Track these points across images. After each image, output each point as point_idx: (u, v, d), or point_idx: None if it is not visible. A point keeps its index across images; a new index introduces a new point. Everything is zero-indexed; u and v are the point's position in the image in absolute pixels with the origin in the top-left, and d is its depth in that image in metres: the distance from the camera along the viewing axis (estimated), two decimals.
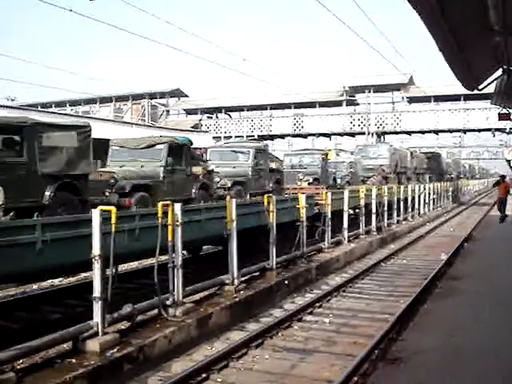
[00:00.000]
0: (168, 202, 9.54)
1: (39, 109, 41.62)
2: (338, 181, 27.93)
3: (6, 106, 29.83)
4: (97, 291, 7.76)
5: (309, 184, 22.92)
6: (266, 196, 13.19)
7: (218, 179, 16.55)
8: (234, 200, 11.54)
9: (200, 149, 29.93)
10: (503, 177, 30.11)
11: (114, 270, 8.14)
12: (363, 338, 9.16)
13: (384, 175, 31.51)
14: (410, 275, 15.03)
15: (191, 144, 15.75)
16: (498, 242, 20.22)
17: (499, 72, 16.30)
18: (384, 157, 33.64)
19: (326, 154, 27.43)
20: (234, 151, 19.77)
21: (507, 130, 46.06)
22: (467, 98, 44.41)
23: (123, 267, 13.46)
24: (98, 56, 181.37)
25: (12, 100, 48.78)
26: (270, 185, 19.38)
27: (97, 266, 7.75)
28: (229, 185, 16.76)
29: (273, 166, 20.28)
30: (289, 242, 14.39)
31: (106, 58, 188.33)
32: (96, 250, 7.73)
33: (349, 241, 18.50)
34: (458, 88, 22.06)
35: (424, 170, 43.72)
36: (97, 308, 7.77)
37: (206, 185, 15.47)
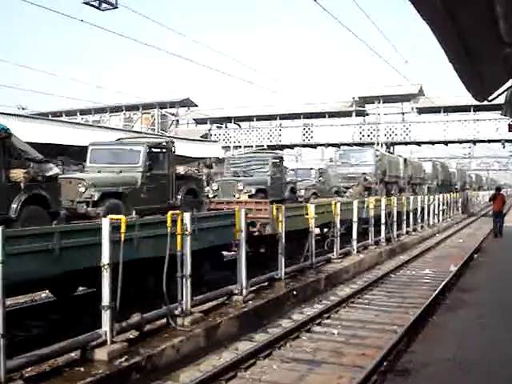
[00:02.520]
0: (177, 212, 9.58)
1: (50, 117, 41.87)
2: (302, 192, 23.00)
3: (18, 115, 30.00)
4: (105, 300, 7.78)
5: (250, 196, 17.70)
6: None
7: (82, 189, 11.96)
8: (243, 210, 11.50)
9: (210, 158, 28.97)
10: (499, 189, 28.60)
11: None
12: (372, 350, 9.12)
13: (366, 185, 27.17)
14: (419, 286, 14.97)
15: (8, 134, 10.07)
16: (508, 254, 20.12)
17: (509, 83, 16.25)
18: (368, 163, 29.00)
19: (281, 158, 21.83)
20: (120, 150, 14.55)
21: None
22: (477, 108, 44.29)
23: None
24: (109, 65, 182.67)
25: (23, 109, 49.07)
26: (179, 197, 14.48)
27: (105, 274, 7.78)
28: (96, 197, 11.89)
29: (180, 170, 15.47)
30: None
31: (116, 68, 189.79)
32: (105, 258, 7.75)
33: (358, 251, 18.46)
34: (468, 99, 22.01)
35: (421, 179, 39.87)
36: (105, 317, 7.79)
37: (40, 198, 10.25)
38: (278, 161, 21.02)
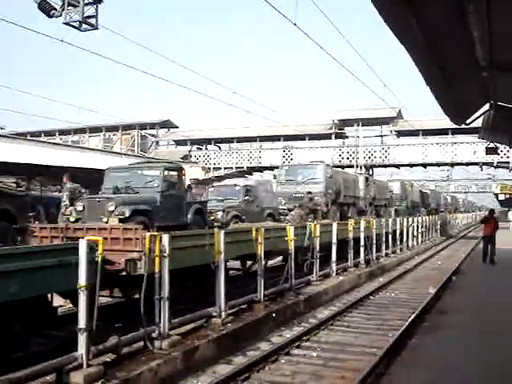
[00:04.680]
0: (156, 233, 9.50)
1: (28, 138, 41.62)
2: (219, 215, 18.35)
3: None
4: (82, 322, 7.66)
5: (122, 221, 13.05)
6: None
7: None
8: (222, 232, 11.45)
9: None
10: (492, 211, 26.07)
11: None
12: (351, 373, 9.06)
13: (312, 207, 22.71)
14: (398, 308, 14.97)
15: None
16: (486, 275, 20.28)
17: (486, 107, 16.51)
18: (317, 181, 25.02)
19: (179, 169, 16.76)
20: None
21: (495, 164, 46.49)
22: (455, 132, 44.81)
23: (108, 299, 13.30)
24: (88, 86, 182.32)
25: (1, 128, 48.69)
26: None
27: (82, 297, 7.66)
28: None
29: None
30: None
31: (95, 89, 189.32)
32: (82, 280, 7.65)
33: (337, 274, 18.43)
34: (446, 122, 22.26)
35: (387, 200, 36.69)
36: (81, 339, 7.66)
37: None
38: (175, 173, 16.45)
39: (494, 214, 25.54)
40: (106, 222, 13.03)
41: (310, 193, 23.29)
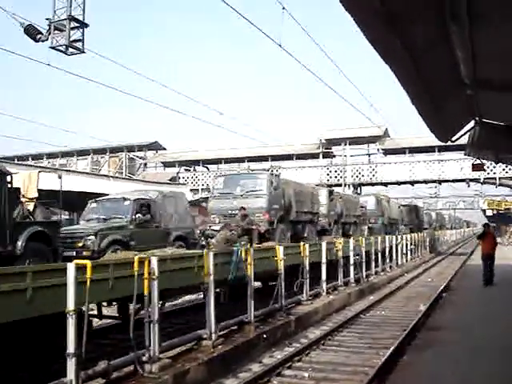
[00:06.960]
0: (145, 256, 9.45)
1: (16, 162, 41.47)
2: (89, 241, 14.81)
3: None
4: (71, 347, 7.59)
5: None
6: None
7: None
8: (211, 253, 11.42)
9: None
10: (488, 226, 24.31)
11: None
12: None
13: (246, 226, 17.40)
14: (389, 327, 14.94)
15: None
16: (476, 292, 20.29)
17: (471, 124, 16.62)
18: (259, 194, 19.88)
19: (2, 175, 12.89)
20: None
21: (481, 180, 46.91)
22: (441, 149, 45.23)
23: (98, 322, 13.21)
24: (76, 109, 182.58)
25: None
26: None
27: (71, 321, 7.59)
28: None
29: None
30: None
31: (83, 111, 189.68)
32: (70, 304, 7.58)
33: (327, 292, 18.38)
34: (432, 140, 22.40)
35: (358, 217, 31.54)
36: (70, 364, 7.58)
37: None
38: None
39: (490, 229, 24.04)
40: None
41: (243, 208, 18.21)
